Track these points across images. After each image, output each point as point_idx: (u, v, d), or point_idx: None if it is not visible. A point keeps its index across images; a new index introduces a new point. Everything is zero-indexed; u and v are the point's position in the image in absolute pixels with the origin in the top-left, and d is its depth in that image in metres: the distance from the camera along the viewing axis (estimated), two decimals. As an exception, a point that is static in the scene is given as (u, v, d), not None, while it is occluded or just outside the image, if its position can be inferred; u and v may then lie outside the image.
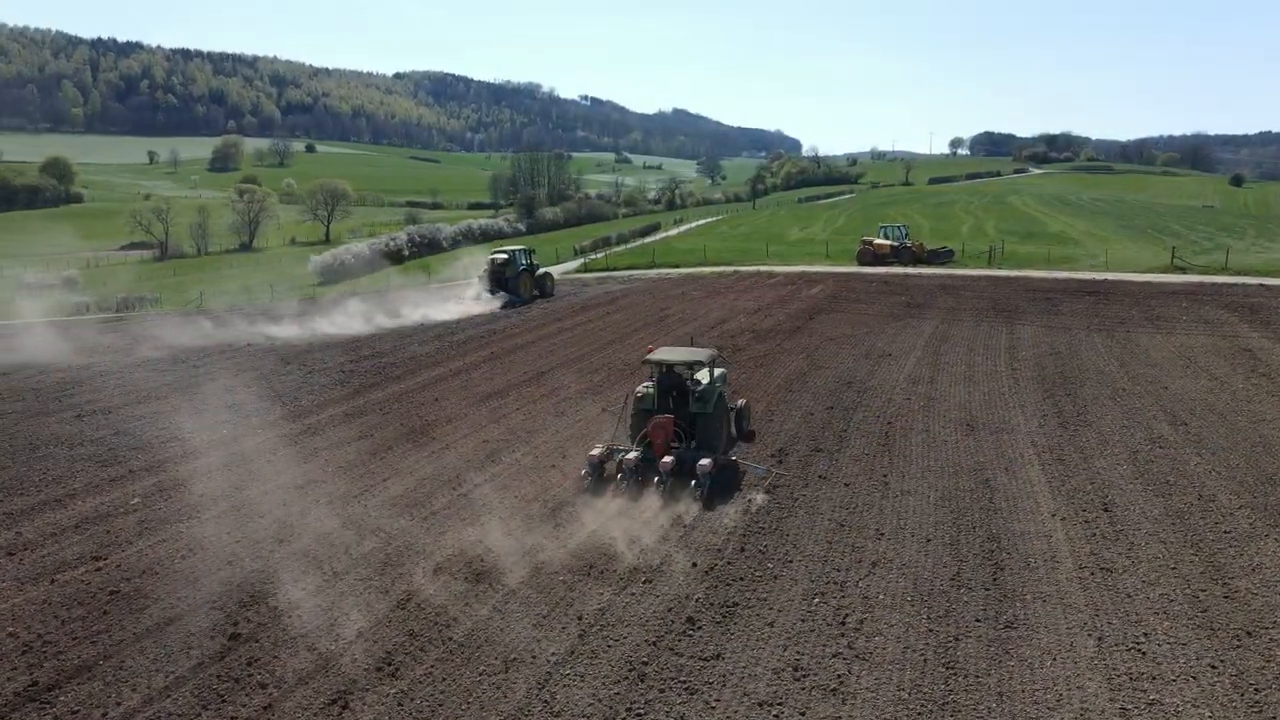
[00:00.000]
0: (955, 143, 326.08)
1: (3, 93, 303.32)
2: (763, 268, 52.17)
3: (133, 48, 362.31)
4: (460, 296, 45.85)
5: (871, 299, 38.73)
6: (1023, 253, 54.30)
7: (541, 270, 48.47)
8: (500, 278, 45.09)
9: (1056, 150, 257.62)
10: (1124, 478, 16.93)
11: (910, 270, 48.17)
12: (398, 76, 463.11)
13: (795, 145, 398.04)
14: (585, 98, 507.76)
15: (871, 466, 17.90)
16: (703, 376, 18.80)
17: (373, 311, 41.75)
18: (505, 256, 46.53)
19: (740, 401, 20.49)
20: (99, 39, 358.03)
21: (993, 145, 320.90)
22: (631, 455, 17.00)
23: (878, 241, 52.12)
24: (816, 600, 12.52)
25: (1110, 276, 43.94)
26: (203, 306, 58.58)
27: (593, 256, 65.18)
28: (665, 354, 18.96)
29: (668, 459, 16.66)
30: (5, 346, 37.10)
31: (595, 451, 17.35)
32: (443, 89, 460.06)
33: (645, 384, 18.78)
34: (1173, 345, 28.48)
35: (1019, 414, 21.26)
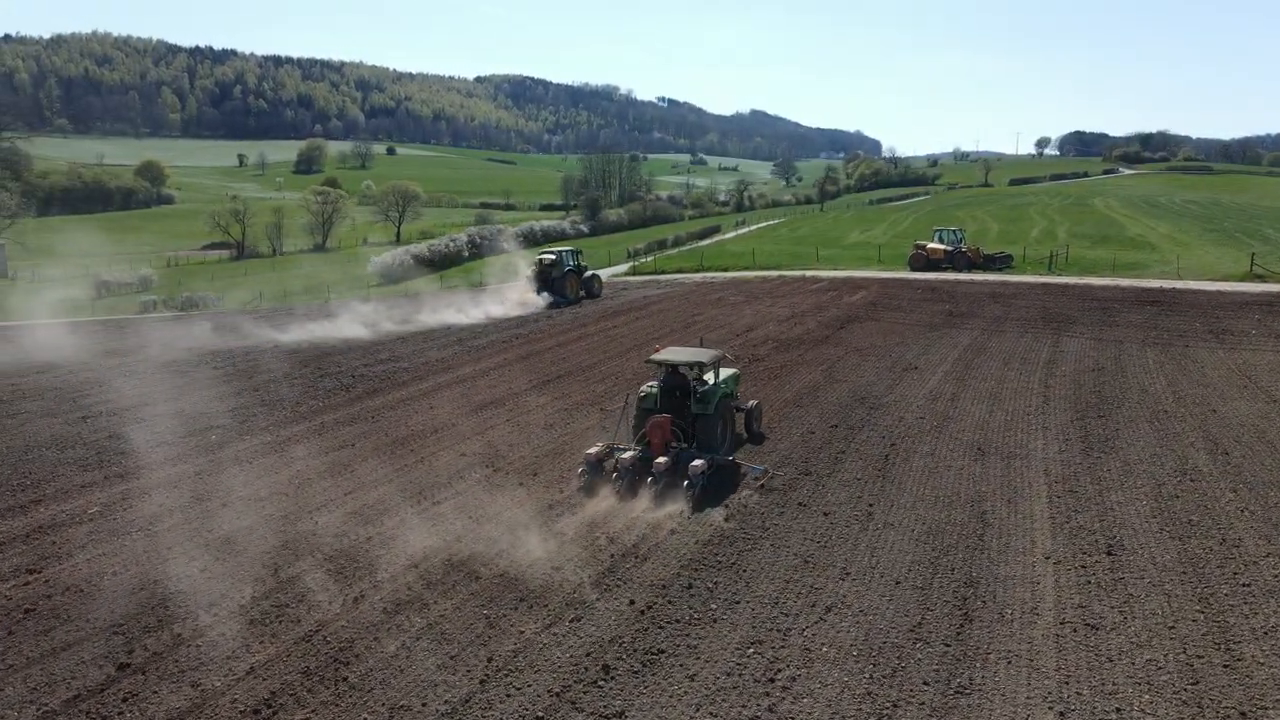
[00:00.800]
0: (1041, 142, 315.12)
1: (107, 100, 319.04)
2: (809, 272, 50.41)
3: (228, 55, 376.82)
4: (504, 298, 45.69)
5: (913, 307, 36.77)
6: (1090, 258, 51.18)
7: (589, 272, 48.10)
8: (547, 278, 45.20)
9: (1151, 150, 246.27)
10: (1140, 515, 15.13)
11: (963, 276, 45.81)
12: (478, 80, 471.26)
13: (875, 146, 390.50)
14: (662, 99, 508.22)
15: (859, 494, 16.45)
16: (711, 377, 18.93)
17: (410, 312, 41.73)
18: (552, 257, 46.65)
19: (751, 403, 20.30)
20: (197, 47, 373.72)
21: (1083, 145, 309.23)
22: (628, 454, 16.95)
23: (931, 246, 49.76)
24: (751, 650, 11.26)
25: (1179, 284, 40.88)
26: (260, 306, 59.83)
27: (641, 260, 64.18)
28: (669, 354, 18.97)
29: (662, 459, 16.53)
30: (49, 345, 38.12)
31: (593, 450, 17.27)
32: (522, 92, 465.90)
33: (649, 384, 18.85)
34: (1234, 362, 26.02)
35: (1039, 437, 19.46)
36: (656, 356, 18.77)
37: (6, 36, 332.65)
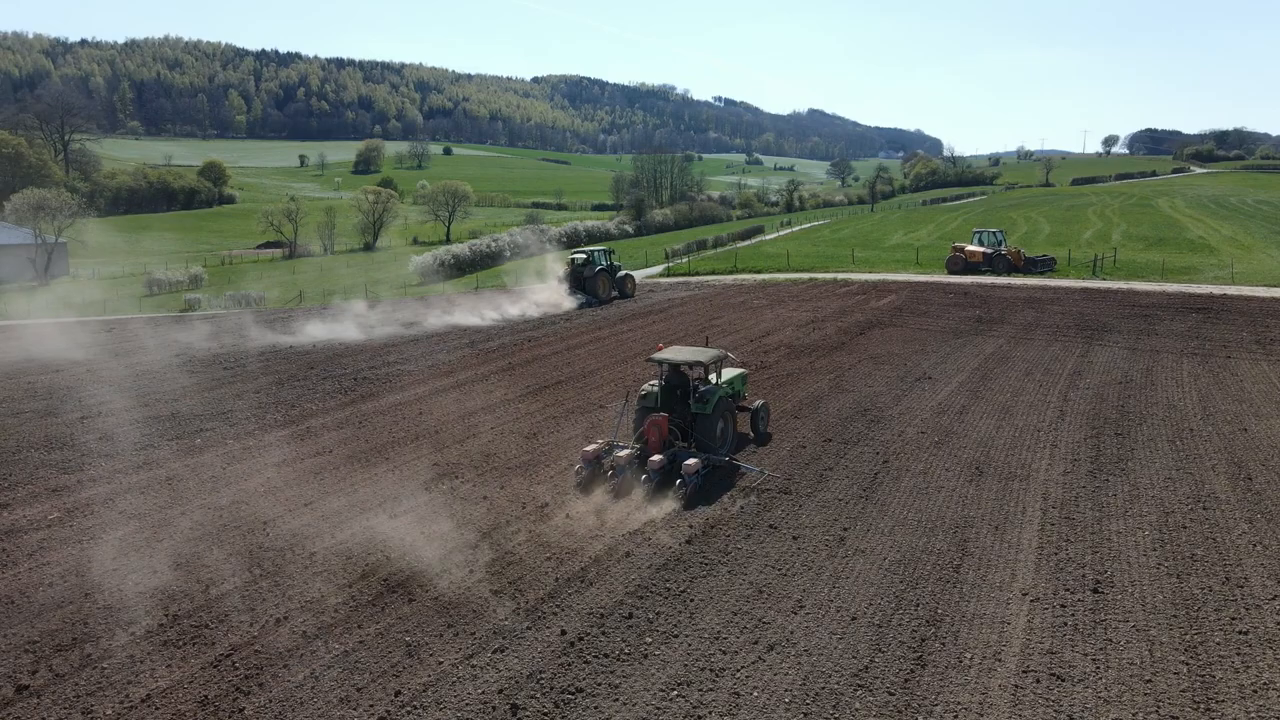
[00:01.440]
0: (1109, 141, 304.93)
1: (177, 102, 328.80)
2: (841, 275, 48.94)
3: (292, 58, 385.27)
4: (529, 299, 45.38)
5: (941, 312, 35.24)
6: (1140, 261, 48.70)
7: (622, 272, 47.62)
8: (579, 278, 45.01)
9: (1226, 148, 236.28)
10: (1138, 547, 13.82)
11: (1000, 280, 43.93)
12: (535, 80, 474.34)
13: (936, 145, 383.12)
14: (719, 99, 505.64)
15: (837, 516, 15.39)
16: (715, 376, 19.06)
17: (428, 314, 41.56)
18: (584, 257, 46.47)
19: (758, 402, 20.29)
20: (263, 50, 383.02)
21: (1154, 143, 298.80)
22: (624, 452, 17.08)
23: (969, 248, 47.82)
24: (676, 694, 10.37)
25: (1230, 290, 38.54)
26: (297, 305, 60.38)
27: (677, 261, 63.24)
28: (670, 353, 18.90)
29: (657, 458, 16.54)
30: (77, 342, 38.75)
31: (590, 448, 17.34)
32: (578, 92, 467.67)
33: (650, 382, 18.96)
34: (1277, 375, 24.18)
35: (1045, 456, 18.12)
36: (657, 355, 18.72)
37: (83, 41, 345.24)
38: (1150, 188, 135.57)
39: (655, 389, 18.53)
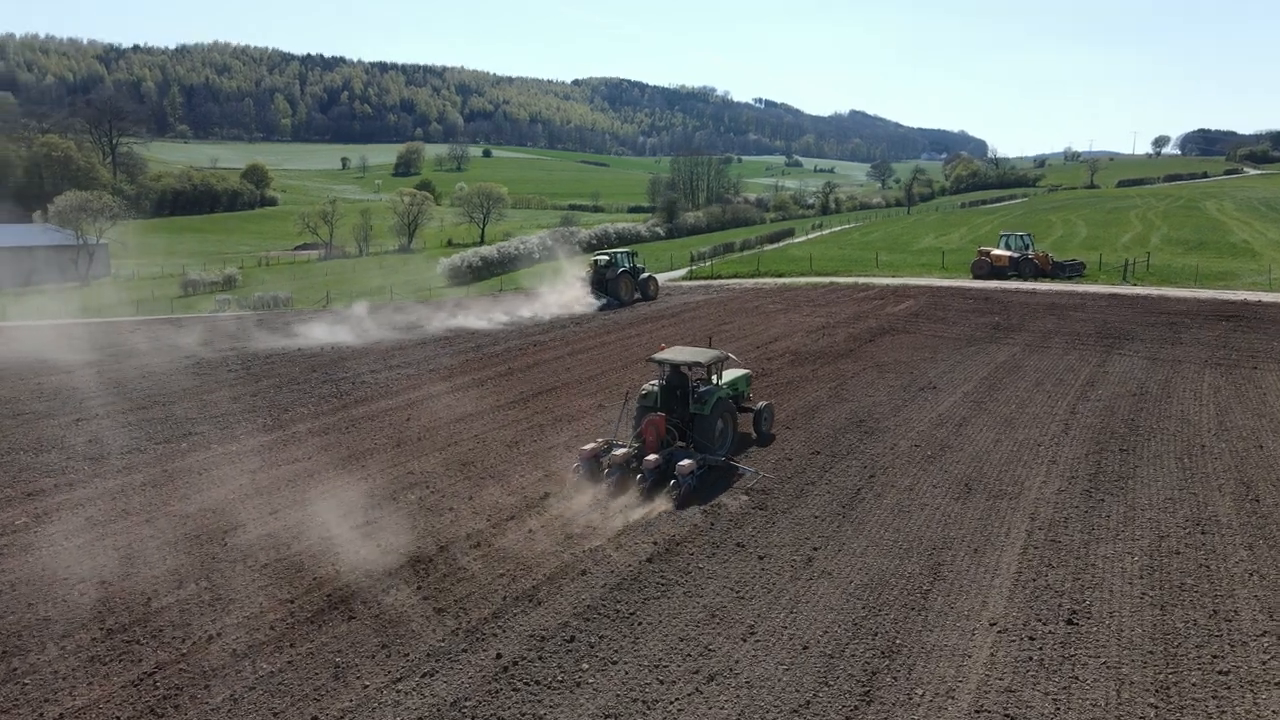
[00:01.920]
0: (1159, 141, 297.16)
1: (225, 106, 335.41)
2: (863, 279, 47.88)
3: (337, 62, 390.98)
4: (545, 302, 45.22)
5: (958, 319, 34.16)
6: (1175, 266, 46.92)
7: (645, 274, 47.34)
8: (601, 280, 44.94)
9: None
10: (1124, 574, 12.94)
11: (1025, 285, 42.59)
12: (576, 83, 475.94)
13: (980, 147, 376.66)
14: (759, 101, 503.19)
15: (809, 535, 14.69)
16: (725, 377, 19.48)
17: (444, 315, 41.43)
18: (606, 259, 46.36)
19: (761, 404, 20.28)
20: (308, 55, 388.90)
21: (1207, 144, 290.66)
22: (620, 451, 17.15)
23: (995, 252, 46.46)
24: (601, 726, 9.81)
25: (1267, 298, 36.84)
26: (325, 305, 60.75)
27: (701, 264, 62.56)
28: (670, 354, 19.03)
29: (652, 457, 16.59)
30: (94, 344, 39.19)
31: (588, 446, 17.45)
32: (618, 94, 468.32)
33: (651, 382, 19.07)
34: (1305, 388, 22.91)
35: (1041, 473, 17.22)
36: (658, 355, 18.85)
37: (135, 47, 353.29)
38: (1199, 190, 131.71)
39: (655, 389, 18.60)
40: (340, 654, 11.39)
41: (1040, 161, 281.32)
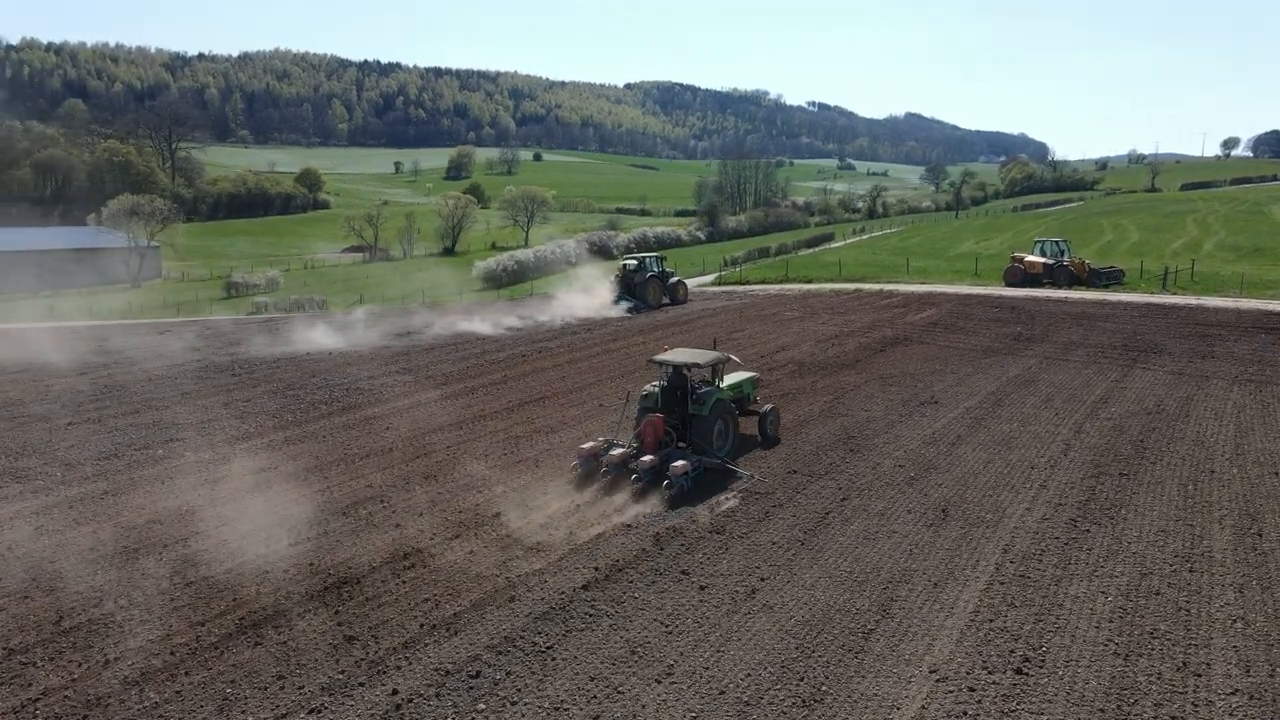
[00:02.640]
0: (1228, 143, 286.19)
1: (284, 112, 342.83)
2: (889, 286, 46.39)
3: (393, 68, 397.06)
4: (570, 305, 44.91)
5: (978, 328, 32.70)
6: (1223, 274, 44.44)
7: (674, 278, 46.87)
8: (629, 284, 44.84)
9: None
10: (1092, 616, 11.79)
11: (1057, 293, 40.75)
12: (628, 87, 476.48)
13: (1041, 149, 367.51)
14: (812, 104, 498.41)
15: (760, 563, 13.77)
16: (730, 379, 19.92)
17: (460, 319, 41.28)
18: (635, 263, 46.20)
19: (767, 406, 20.41)
20: (365, 61, 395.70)
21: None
22: (617, 451, 17.43)
23: (1029, 258, 44.59)
24: (477, 774, 9.07)
25: (1316, 308, 34.68)
26: (354, 307, 61.12)
27: (729, 270, 61.55)
28: (670, 355, 19.20)
29: (647, 458, 16.81)
30: (120, 346, 39.74)
31: (587, 445, 17.80)
32: (670, 98, 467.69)
33: (653, 383, 19.21)
34: (1339, 409, 21.21)
35: (1027, 499, 16.02)
36: (659, 357, 18.99)
37: (200, 55, 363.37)
38: (1266, 193, 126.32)
39: (656, 390, 18.77)
40: (233, 684, 10.84)
41: (1102, 164, 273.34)
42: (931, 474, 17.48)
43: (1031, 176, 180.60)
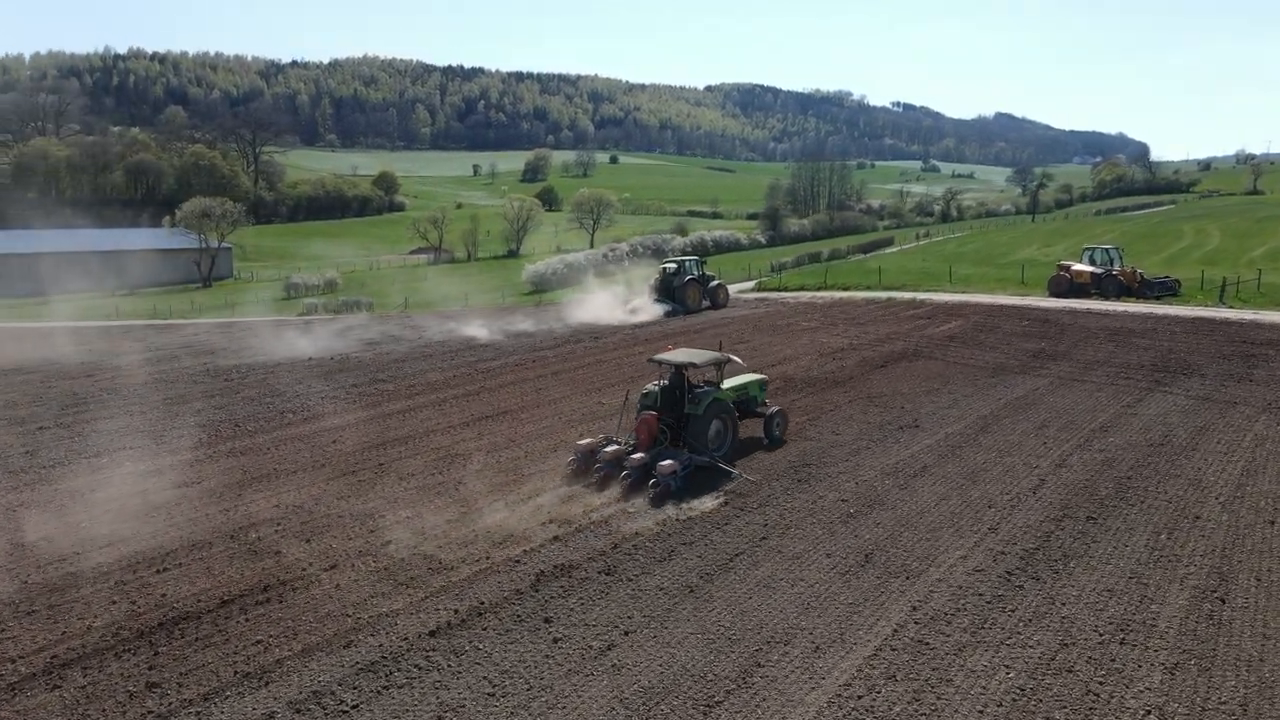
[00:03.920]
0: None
1: (370, 116, 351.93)
2: (923, 295, 43.87)
3: (476, 73, 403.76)
4: (597, 310, 44.12)
5: (998, 343, 30.29)
6: (1294, 286, 40.61)
7: (715, 282, 45.75)
8: (668, 288, 44.19)
9: None
10: (982, 699, 10.04)
11: (1100, 305, 37.73)
12: (708, 89, 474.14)
13: (1140, 149, 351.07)
14: (897, 104, 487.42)
15: (634, 612, 12.37)
16: (735, 380, 20.14)
17: (475, 323, 40.84)
18: (674, 266, 45.43)
19: (774, 408, 20.46)
20: (449, 66, 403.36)
21: None
22: (610, 449, 17.72)
23: (1076, 267, 41.47)
24: None
25: (1388, 326, 31.04)
26: (392, 310, 61.42)
27: (771, 276, 59.67)
28: (670, 355, 19.31)
29: (638, 455, 17.19)
30: (141, 348, 40.42)
31: (583, 442, 18.25)
32: (751, 100, 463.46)
33: (653, 382, 19.41)
34: (1378, 446, 18.54)
35: (966, 545, 14.15)
36: (659, 356, 19.11)
37: (293, 62, 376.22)
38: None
39: (656, 389, 18.93)
40: (135, 684, 10.10)
41: (1206, 165, 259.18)
42: (874, 511, 15.75)
43: (1122, 178, 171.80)
